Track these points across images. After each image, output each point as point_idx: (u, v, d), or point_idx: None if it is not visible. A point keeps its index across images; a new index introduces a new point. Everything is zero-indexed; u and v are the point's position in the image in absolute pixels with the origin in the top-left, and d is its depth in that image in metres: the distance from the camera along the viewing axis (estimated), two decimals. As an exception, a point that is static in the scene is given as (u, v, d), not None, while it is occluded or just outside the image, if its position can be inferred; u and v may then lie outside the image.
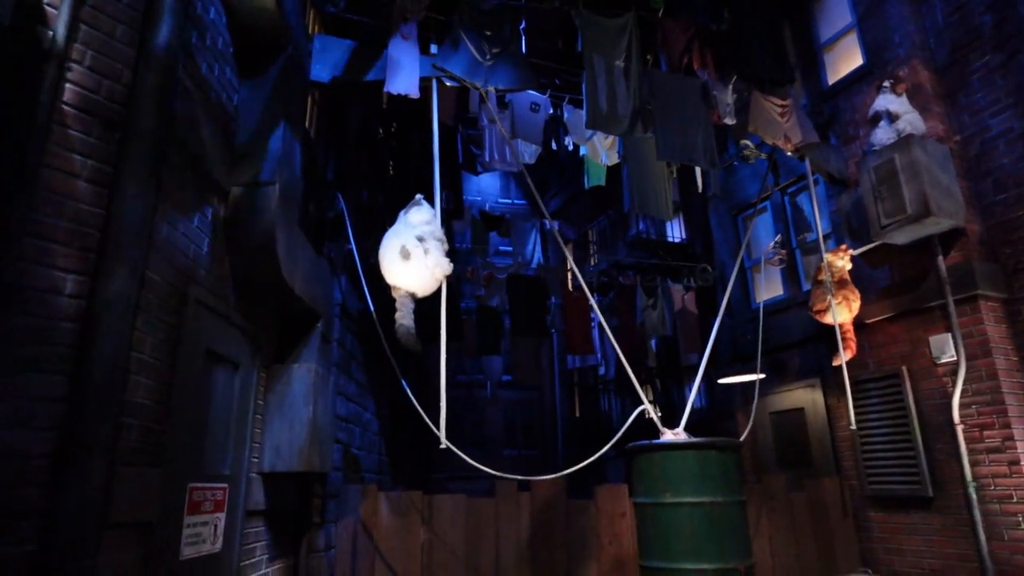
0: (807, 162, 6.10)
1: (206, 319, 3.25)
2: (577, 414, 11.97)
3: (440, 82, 5.12)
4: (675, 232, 9.56)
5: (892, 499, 5.56)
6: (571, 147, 7.94)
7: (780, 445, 6.88)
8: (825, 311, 5.62)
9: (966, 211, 5.29)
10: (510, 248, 11.13)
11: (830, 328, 5.63)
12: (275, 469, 4.00)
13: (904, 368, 5.55)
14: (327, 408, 4.49)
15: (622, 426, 10.27)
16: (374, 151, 7.06)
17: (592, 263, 11.00)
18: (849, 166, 6.29)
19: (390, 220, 4.71)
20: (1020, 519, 4.64)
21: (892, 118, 5.48)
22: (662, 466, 4.23)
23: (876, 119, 5.62)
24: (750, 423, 5.74)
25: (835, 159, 6.32)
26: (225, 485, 3.47)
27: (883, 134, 5.52)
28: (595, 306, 4.82)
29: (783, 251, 6.91)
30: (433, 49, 5.11)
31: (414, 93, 4.79)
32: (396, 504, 5.27)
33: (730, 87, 6.11)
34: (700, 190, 7.02)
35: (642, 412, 4.57)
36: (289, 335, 4.45)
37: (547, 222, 13.56)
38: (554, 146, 8.50)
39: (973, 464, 4.96)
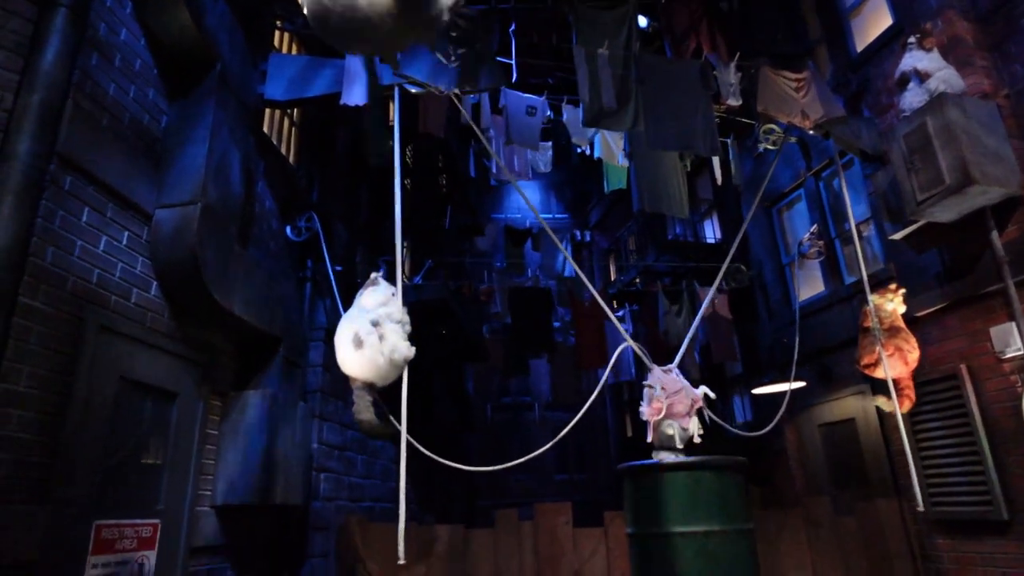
0: (832, 141, 5.41)
1: (120, 346, 3.12)
2: (628, 433, 11.27)
3: (423, 91, 4.90)
4: (711, 233, 8.86)
5: (961, 523, 4.68)
6: (585, 150, 7.52)
7: (832, 462, 6.05)
8: (875, 365, 4.54)
9: (1022, 176, 4.44)
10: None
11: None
12: (228, 502, 3.81)
13: (963, 367, 4.69)
14: (294, 436, 4.29)
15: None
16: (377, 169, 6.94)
17: (624, 272, 10.43)
18: (884, 139, 5.52)
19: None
20: (1121, 548, 3.72)
21: (922, 78, 4.73)
22: (648, 490, 3.72)
23: (904, 81, 4.88)
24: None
25: (867, 133, 5.56)
26: (156, 521, 3.30)
27: (913, 97, 4.77)
28: (611, 315, 4.35)
29: (820, 242, 6.16)
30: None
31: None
32: (388, 536, 4.97)
33: (732, 65, 5.55)
34: (719, 183, 6.41)
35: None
36: (252, 361, 4.31)
37: (576, 233, 13.10)
38: (582, 150, 8.00)
39: (1055, 480, 4.07)
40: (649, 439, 3.90)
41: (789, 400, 6.69)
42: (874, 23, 5.92)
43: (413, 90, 4.82)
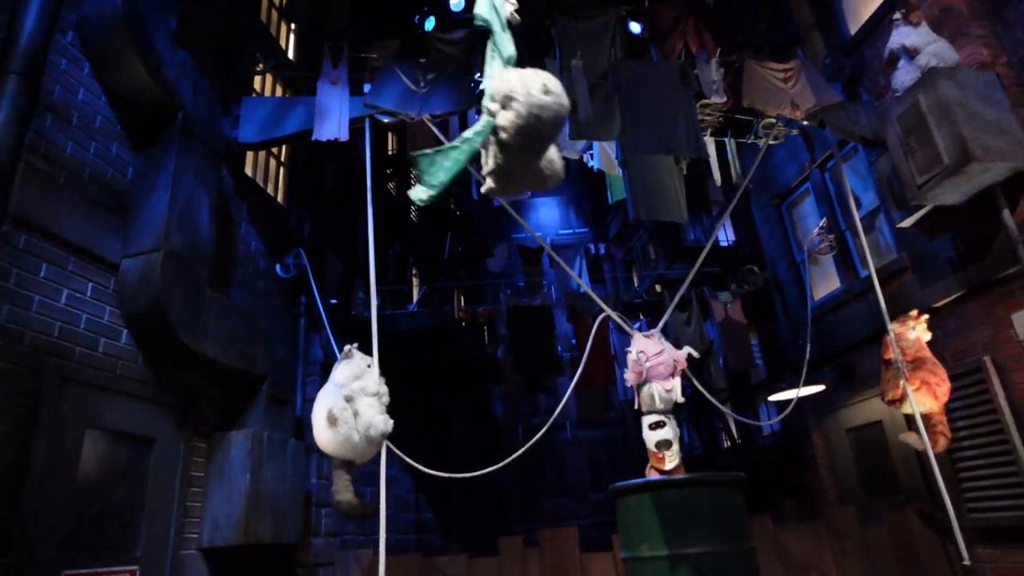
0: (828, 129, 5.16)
1: (86, 396, 3.17)
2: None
3: (394, 120, 4.92)
4: (724, 235, 8.57)
5: (1000, 530, 4.28)
6: (587, 163, 7.40)
7: (862, 468, 5.66)
8: (901, 400, 4.08)
9: (1031, 148, 4.11)
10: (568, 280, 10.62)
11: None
12: (215, 543, 3.81)
13: (988, 359, 4.33)
14: (283, 474, 4.28)
15: (701, 456, 9.11)
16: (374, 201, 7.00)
17: (641, 283, 10.17)
18: (882, 122, 5.23)
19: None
20: None
21: (911, 54, 4.47)
22: (637, 511, 3.55)
23: (894, 60, 4.61)
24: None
25: (866, 118, 5.28)
26: (134, 567, 3.32)
27: (904, 75, 4.50)
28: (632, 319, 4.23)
29: (831, 236, 5.84)
30: (367, 88, 4.95)
31: (343, 137, 4.64)
32: (397, 570, 4.89)
33: (714, 62, 5.38)
34: (718, 183, 6.19)
35: None
36: (236, 401, 4.34)
37: (591, 246, 12.89)
38: (590, 164, 7.85)
39: (1097, 478, 3.67)
40: (636, 405, 3.75)
41: (817, 403, 6.34)
42: (867, 2, 5.65)
43: (385, 120, 4.85)
